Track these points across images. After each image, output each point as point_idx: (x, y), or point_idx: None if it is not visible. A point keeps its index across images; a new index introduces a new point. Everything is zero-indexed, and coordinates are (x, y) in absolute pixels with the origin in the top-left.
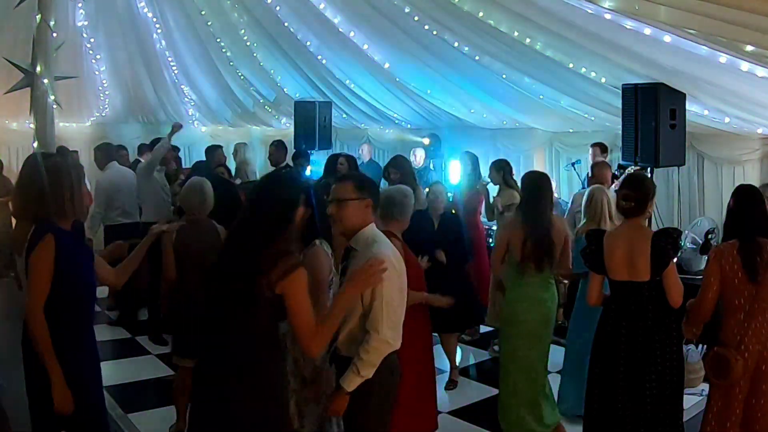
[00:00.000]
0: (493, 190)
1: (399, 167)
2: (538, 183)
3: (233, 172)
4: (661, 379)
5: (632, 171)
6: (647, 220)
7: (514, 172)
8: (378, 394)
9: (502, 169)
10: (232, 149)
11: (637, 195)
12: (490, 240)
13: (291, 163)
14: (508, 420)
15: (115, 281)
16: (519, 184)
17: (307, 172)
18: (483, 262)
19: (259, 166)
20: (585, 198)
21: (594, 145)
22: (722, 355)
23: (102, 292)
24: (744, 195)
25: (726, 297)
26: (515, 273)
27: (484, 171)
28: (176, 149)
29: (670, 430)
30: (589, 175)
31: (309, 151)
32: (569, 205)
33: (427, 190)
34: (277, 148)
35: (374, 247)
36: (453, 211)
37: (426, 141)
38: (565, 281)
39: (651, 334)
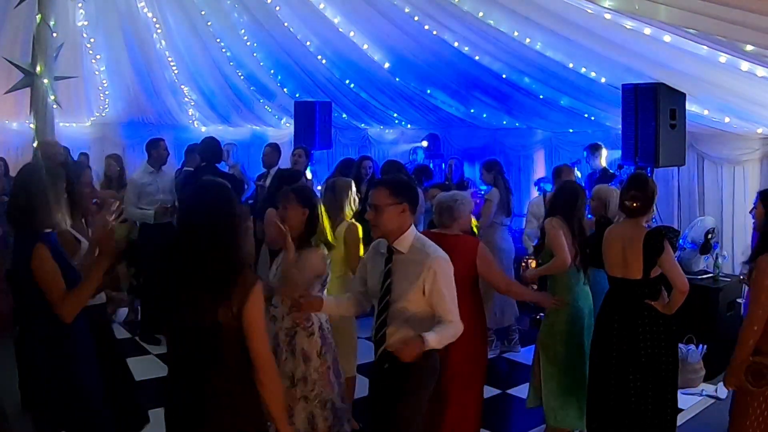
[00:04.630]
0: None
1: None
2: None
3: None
4: (645, 374)
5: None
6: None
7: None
8: (417, 391)
9: (492, 169)
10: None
11: (644, 195)
12: None
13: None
14: (573, 414)
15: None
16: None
17: (307, 175)
18: None
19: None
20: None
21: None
22: (760, 363)
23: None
24: None
25: None
26: (573, 272)
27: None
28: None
29: (653, 427)
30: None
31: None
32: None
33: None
34: (272, 149)
35: (428, 249)
36: None
37: (424, 143)
38: None
39: (640, 330)
